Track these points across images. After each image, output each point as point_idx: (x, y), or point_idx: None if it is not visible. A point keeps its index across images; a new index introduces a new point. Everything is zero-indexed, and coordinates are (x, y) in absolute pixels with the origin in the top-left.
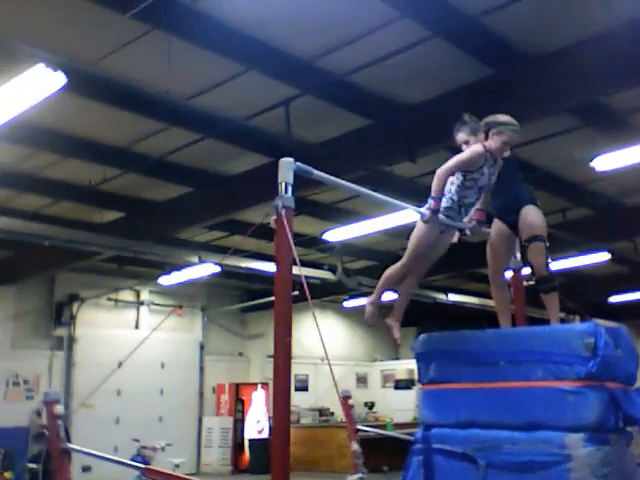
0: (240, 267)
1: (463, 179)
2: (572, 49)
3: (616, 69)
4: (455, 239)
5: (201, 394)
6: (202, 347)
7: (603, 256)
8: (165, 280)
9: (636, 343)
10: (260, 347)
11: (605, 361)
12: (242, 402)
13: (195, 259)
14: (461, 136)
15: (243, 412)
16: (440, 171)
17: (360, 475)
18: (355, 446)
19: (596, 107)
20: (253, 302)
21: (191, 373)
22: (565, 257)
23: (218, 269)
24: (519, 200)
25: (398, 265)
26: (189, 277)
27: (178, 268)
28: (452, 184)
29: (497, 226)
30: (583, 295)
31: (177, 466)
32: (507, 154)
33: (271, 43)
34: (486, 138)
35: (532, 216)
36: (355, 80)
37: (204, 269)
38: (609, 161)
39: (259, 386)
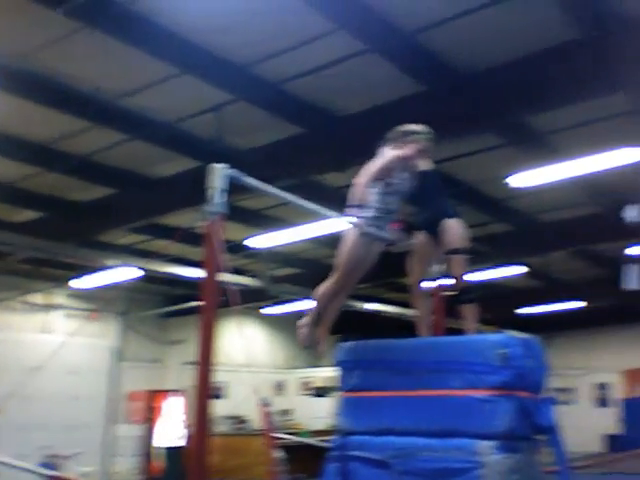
0: (163, 272)
1: (384, 186)
2: (503, 68)
3: (542, 90)
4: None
5: (115, 401)
6: (118, 353)
7: (519, 269)
8: (82, 283)
9: (546, 354)
10: (179, 354)
11: (517, 371)
12: (155, 410)
13: (116, 262)
14: (386, 150)
15: (154, 420)
16: (361, 180)
17: None
18: (278, 453)
19: (519, 126)
20: (174, 307)
21: (106, 380)
22: (483, 269)
23: (140, 273)
24: (443, 213)
25: (330, 283)
26: (108, 281)
27: (97, 271)
28: (374, 194)
29: (420, 237)
30: (498, 307)
31: (85, 475)
32: (429, 166)
33: (207, 47)
34: (401, 146)
35: (455, 229)
36: (290, 88)
37: (125, 273)
38: (526, 179)
39: (174, 393)
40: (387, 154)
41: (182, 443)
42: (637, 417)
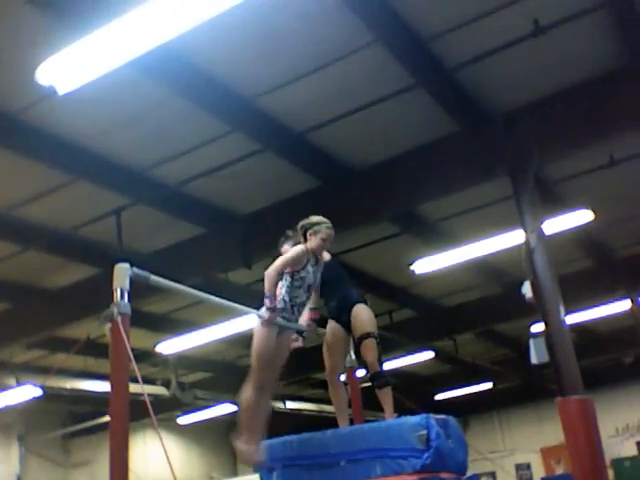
0: (65, 388)
1: (291, 280)
2: (391, 161)
3: (428, 181)
4: (300, 343)
5: None
6: None
7: (428, 355)
8: None
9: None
10: (86, 476)
11: (438, 452)
12: None
13: (12, 382)
14: (286, 248)
15: None
16: (269, 271)
17: None
18: None
19: (411, 216)
20: (78, 426)
21: None
22: (394, 358)
23: (39, 392)
24: (349, 300)
25: (250, 388)
26: (3, 403)
27: None
28: (282, 287)
29: (332, 326)
30: (413, 393)
31: None
32: (326, 257)
33: (101, 153)
34: (305, 240)
35: (362, 315)
36: (188, 190)
37: (22, 392)
38: (426, 265)
39: None
40: (295, 249)
41: None
42: None
